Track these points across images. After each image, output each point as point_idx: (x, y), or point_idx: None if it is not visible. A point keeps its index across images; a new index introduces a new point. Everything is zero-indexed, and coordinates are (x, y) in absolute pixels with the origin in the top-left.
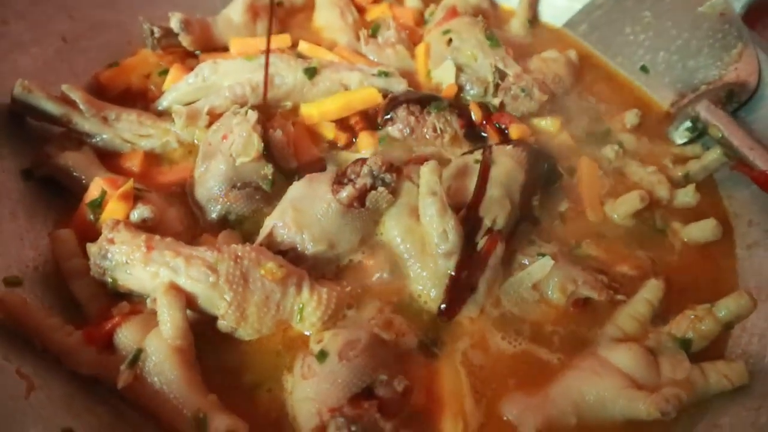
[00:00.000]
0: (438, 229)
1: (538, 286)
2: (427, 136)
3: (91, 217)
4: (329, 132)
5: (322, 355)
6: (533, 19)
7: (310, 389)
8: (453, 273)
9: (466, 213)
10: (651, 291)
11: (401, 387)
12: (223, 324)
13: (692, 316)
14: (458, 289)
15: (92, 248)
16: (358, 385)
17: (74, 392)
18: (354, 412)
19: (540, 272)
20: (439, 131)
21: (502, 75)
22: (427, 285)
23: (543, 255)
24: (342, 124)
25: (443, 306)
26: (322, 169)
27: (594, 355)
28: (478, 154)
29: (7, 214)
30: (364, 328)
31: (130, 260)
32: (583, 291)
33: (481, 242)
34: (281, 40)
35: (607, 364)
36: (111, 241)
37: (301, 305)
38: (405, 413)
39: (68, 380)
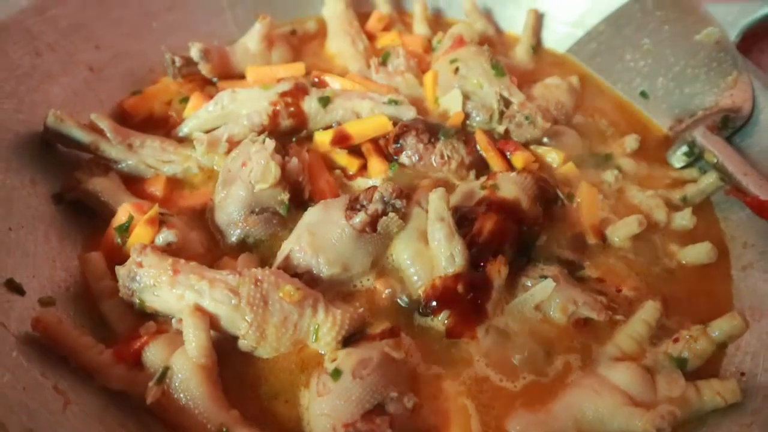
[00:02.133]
0: (446, 253)
1: (541, 307)
2: (435, 163)
3: (119, 240)
4: (341, 159)
5: (336, 373)
6: (537, 46)
7: (325, 405)
8: (460, 293)
9: (472, 238)
10: (648, 312)
11: (411, 404)
12: (243, 343)
13: (687, 336)
14: (464, 309)
15: (121, 271)
16: (370, 401)
17: (106, 406)
18: (367, 427)
19: (542, 294)
20: (446, 158)
21: (507, 103)
22: (433, 305)
23: (545, 277)
24: (354, 151)
25: (449, 325)
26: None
27: (594, 373)
28: (483, 181)
29: (40, 237)
30: (375, 348)
31: (157, 283)
32: (583, 311)
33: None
34: (296, 69)
35: (606, 382)
36: (139, 265)
37: (316, 326)
38: (414, 429)
39: (100, 395)
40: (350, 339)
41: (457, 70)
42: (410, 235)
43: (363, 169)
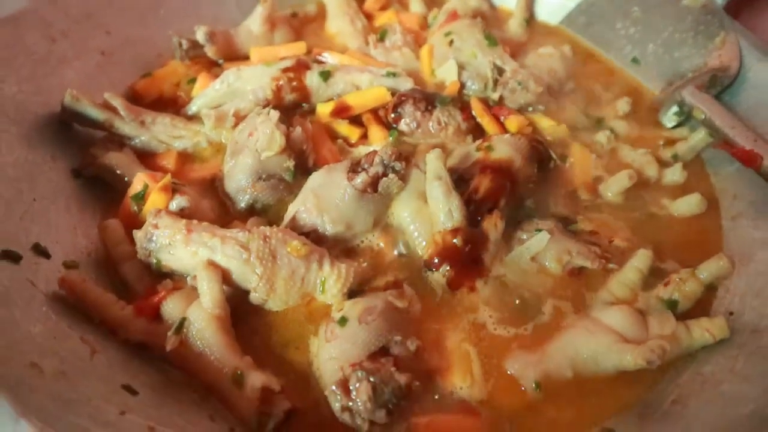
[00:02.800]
0: (444, 209)
1: (537, 259)
2: (432, 130)
3: (135, 208)
4: (343, 128)
5: (343, 321)
6: (530, 18)
7: (333, 350)
8: (458, 246)
9: (469, 196)
10: (640, 259)
11: (414, 346)
12: (254, 296)
13: (677, 279)
14: (463, 262)
15: (138, 234)
16: (375, 344)
17: (129, 356)
18: (372, 366)
19: (538, 245)
20: (443, 124)
21: (501, 71)
22: (434, 259)
23: (540, 230)
24: (354, 121)
25: (450, 277)
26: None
27: (588, 316)
28: (478, 144)
29: (62, 208)
30: (379, 297)
31: (172, 242)
32: (577, 261)
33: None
34: (297, 48)
35: (600, 323)
36: (155, 227)
37: (323, 278)
38: (418, 370)
39: (123, 347)
40: (355, 292)
41: (451, 42)
42: (410, 194)
43: (364, 137)
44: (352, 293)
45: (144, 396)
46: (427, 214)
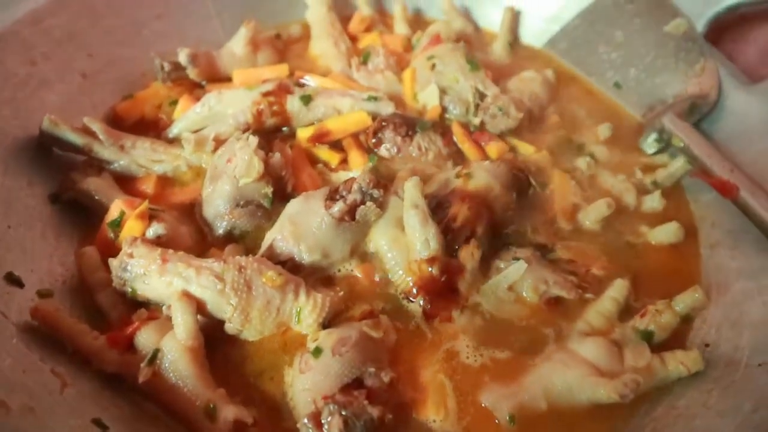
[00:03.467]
0: (420, 238)
1: (514, 288)
2: (413, 155)
3: (111, 235)
4: (323, 153)
5: (317, 351)
6: (513, 41)
7: (306, 381)
8: (434, 275)
9: (446, 224)
10: (617, 289)
11: (388, 378)
12: (230, 326)
13: (654, 311)
14: (439, 291)
15: (114, 262)
16: (348, 376)
17: (101, 388)
18: (345, 399)
19: (515, 275)
20: (424, 150)
21: (482, 96)
22: (411, 288)
23: (518, 259)
24: (335, 145)
25: (426, 307)
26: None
27: (564, 348)
28: (458, 170)
29: (38, 235)
30: (354, 327)
31: (147, 272)
32: (554, 290)
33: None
34: (280, 70)
35: (576, 355)
36: (130, 256)
37: (299, 309)
38: (392, 402)
39: (95, 378)
40: (331, 321)
41: (434, 66)
42: (388, 222)
43: (344, 162)
44: (327, 323)
45: (114, 431)
46: (404, 243)
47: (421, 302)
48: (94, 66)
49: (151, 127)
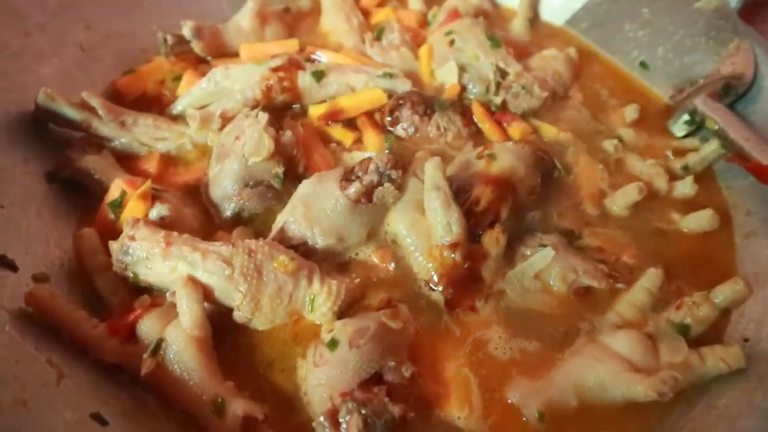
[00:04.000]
0: (442, 222)
1: (540, 276)
2: (431, 135)
3: (112, 216)
4: (336, 132)
5: (332, 344)
6: (533, 18)
7: (322, 375)
8: (457, 263)
9: (469, 208)
10: (650, 279)
11: (409, 373)
12: (238, 314)
13: (690, 303)
14: (462, 279)
15: (114, 245)
16: (367, 370)
17: (100, 380)
18: (364, 396)
19: (542, 262)
20: (442, 130)
21: (503, 74)
22: (432, 276)
23: (544, 246)
24: (349, 124)
25: (448, 296)
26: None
27: (595, 341)
28: (479, 151)
29: (33, 215)
30: (372, 318)
31: (150, 255)
32: (583, 280)
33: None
34: (290, 45)
35: (608, 349)
36: (132, 238)
37: (312, 296)
38: (413, 398)
39: (94, 369)
40: (346, 310)
41: (452, 42)
42: (406, 205)
43: (358, 142)
44: (343, 312)
45: (115, 426)
46: (424, 227)
47: (443, 291)
48: (92, 39)
49: (154, 104)
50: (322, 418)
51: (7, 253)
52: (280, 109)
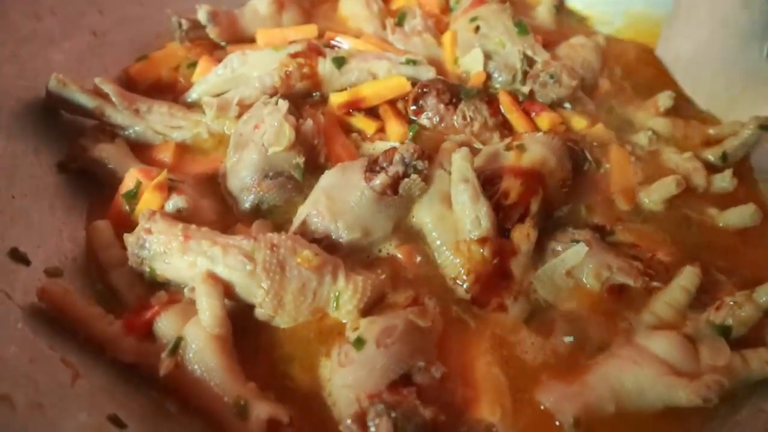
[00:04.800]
0: (471, 216)
1: (572, 273)
2: (457, 125)
3: (127, 208)
4: (358, 122)
5: (359, 343)
6: (559, 5)
7: (349, 376)
8: (486, 258)
9: (497, 201)
10: (687, 278)
11: (439, 374)
12: (260, 312)
13: (731, 303)
14: (491, 276)
15: (130, 238)
16: (396, 371)
17: (116, 381)
18: (393, 398)
19: (574, 259)
20: (468, 119)
21: (531, 62)
22: (459, 272)
23: (577, 241)
24: (370, 113)
25: (476, 293)
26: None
27: (631, 343)
28: (508, 142)
29: (45, 208)
30: (399, 316)
31: (167, 250)
32: (618, 277)
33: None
34: (308, 31)
35: (645, 351)
36: (148, 231)
37: (337, 293)
38: (443, 401)
39: (110, 369)
40: (372, 308)
41: (477, 28)
42: (432, 198)
43: (381, 131)
44: (368, 309)
45: (133, 429)
46: (451, 221)
47: (469, 288)
48: (105, 24)
49: (168, 91)
50: (349, 421)
51: (18, 246)
52: (299, 97)
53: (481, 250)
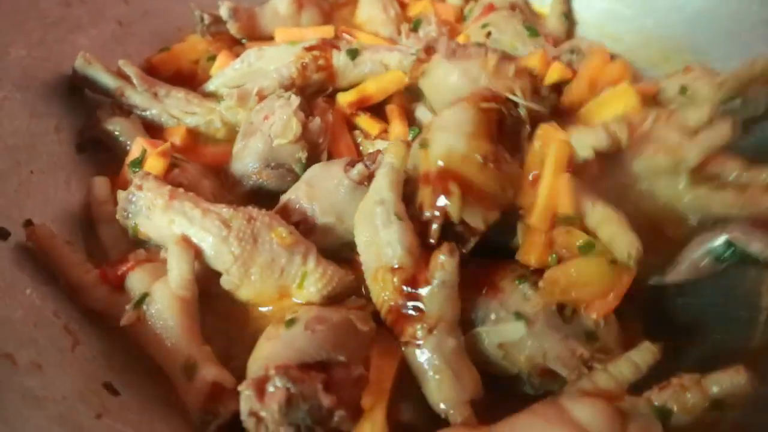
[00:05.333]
0: (384, 241)
1: (504, 347)
2: None
3: (132, 175)
4: (364, 122)
5: (290, 322)
6: (568, 13)
7: (266, 349)
8: (396, 288)
9: (415, 216)
10: (641, 354)
11: (357, 374)
12: (226, 279)
13: (678, 385)
14: (400, 306)
15: (122, 194)
16: (312, 356)
17: (113, 351)
18: (298, 375)
19: (509, 336)
20: None
21: None
22: (378, 299)
23: (519, 317)
24: (380, 114)
25: (390, 323)
26: None
27: (554, 403)
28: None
29: (61, 183)
30: (339, 312)
31: (152, 206)
32: (551, 365)
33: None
34: (325, 31)
35: (566, 415)
36: (139, 188)
37: (304, 272)
38: (349, 402)
39: (108, 339)
40: (332, 302)
41: (489, 34)
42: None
43: (385, 132)
44: (328, 301)
45: (126, 397)
46: (377, 246)
47: (385, 316)
48: (130, 14)
49: (187, 82)
50: (249, 385)
51: (33, 218)
52: (314, 92)
53: (393, 279)
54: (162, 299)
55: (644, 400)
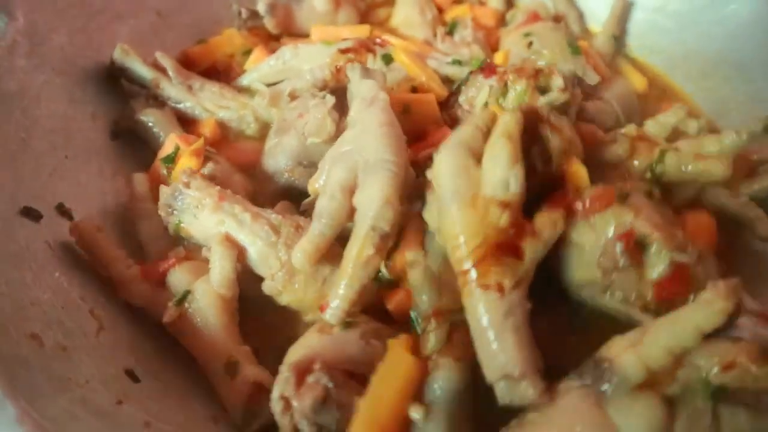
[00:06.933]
0: (501, 176)
1: None
2: None
3: (164, 171)
4: None
5: (348, 325)
6: (619, 37)
7: (317, 341)
8: (501, 225)
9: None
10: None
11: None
12: (269, 284)
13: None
14: (499, 248)
15: (166, 189)
16: (358, 366)
17: (137, 339)
18: (342, 379)
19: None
20: None
21: (580, 83)
22: (464, 232)
23: None
24: None
25: (476, 260)
26: None
27: (597, 405)
28: None
29: (94, 169)
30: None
31: (200, 205)
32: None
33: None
34: (361, 31)
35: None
36: (187, 185)
37: None
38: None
39: (132, 326)
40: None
41: (530, 44)
42: (460, 148)
43: None
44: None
45: (146, 385)
46: (475, 176)
47: (473, 253)
48: (169, 5)
49: (222, 75)
50: (289, 368)
51: (65, 201)
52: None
53: (500, 214)
54: (204, 297)
55: (702, 383)
